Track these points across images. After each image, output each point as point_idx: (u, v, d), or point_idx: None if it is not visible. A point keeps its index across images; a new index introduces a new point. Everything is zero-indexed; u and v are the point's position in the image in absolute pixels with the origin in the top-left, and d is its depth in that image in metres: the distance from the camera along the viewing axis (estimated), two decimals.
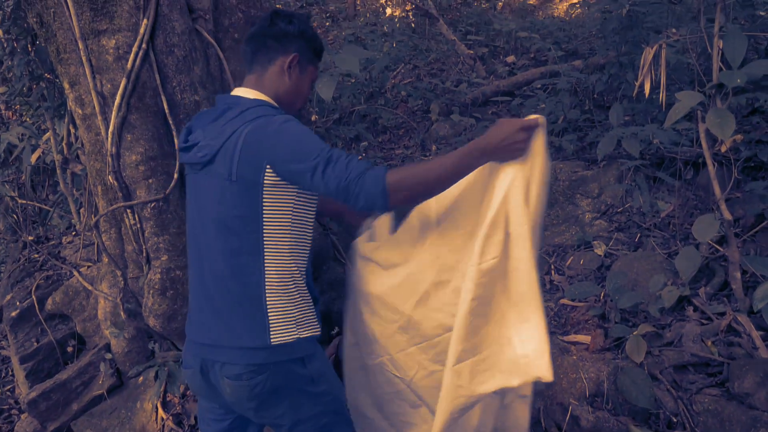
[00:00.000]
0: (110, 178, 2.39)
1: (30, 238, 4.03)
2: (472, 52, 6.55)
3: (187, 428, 2.62)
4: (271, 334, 1.54)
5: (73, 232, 3.93)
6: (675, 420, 2.23)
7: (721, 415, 2.16)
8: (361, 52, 2.93)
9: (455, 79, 5.92)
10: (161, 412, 2.65)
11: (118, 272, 2.57)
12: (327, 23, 8.68)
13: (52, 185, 4.52)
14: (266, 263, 1.55)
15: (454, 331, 1.59)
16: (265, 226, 1.53)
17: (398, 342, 1.86)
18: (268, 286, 1.55)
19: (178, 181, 2.41)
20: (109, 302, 2.75)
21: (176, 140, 2.40)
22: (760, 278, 2.52)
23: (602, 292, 2.90)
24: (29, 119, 4.21)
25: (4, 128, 4.60)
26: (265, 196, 1.51)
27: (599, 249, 3.27)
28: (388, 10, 9.15)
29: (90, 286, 2.98)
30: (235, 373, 1.54)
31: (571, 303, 2.94)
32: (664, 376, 2.37)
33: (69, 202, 3.71)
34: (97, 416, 2.80)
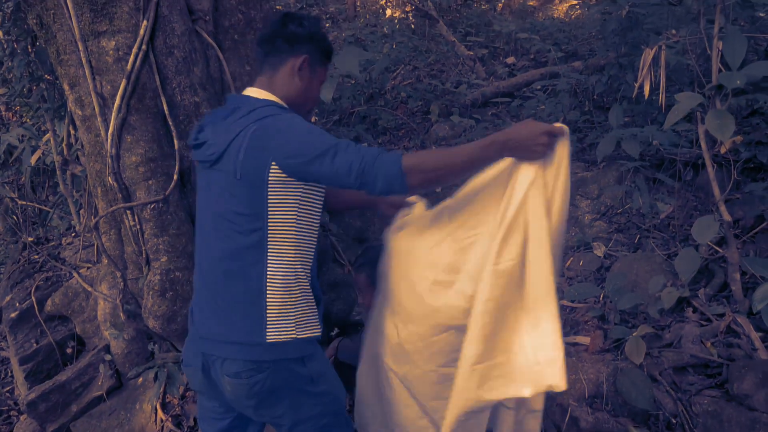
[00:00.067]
0: (110, 180, 2.39)
1: (30, 239, 4.03)
2: (471, 53, 6.55)
3: (186, 429, 2.62)
4: (268, 331, 1.55)
5: (73, 234, 3.93)
6: (674, 421, 2.23)
7: (720, 416, 2.16)
8: (361, 53, 2.93)
9: (455, 81, 5.92)
10: (160, 413, 2.65)
11: (118, 273, 2.57)
12: (327, 24, 8.68)
13: (52, 186, 4.52)
14: (269, 261, 1.56)
15: (468, 333, 1.58)
16: (269, 223, 1.54)
17: (395, 336, 1.84)
18: (270, 283, 1.56)
19: (177, 182, 2.41)
20: (109, 303, 2.75)
21: (176, 141, 2.40)
22: (760, 279, 2.52)
23: (602, 294, 2.90)
24: (29, 120, 4.21)
25: (4, 129, 4.61)
26: (270, 194, 1.52)
27: (599, 250, 3.27)
28: (388, 12, 9.16)
29: (89, 288, 2.98)
30: (235, 371, 1.55)
31: (571, 304, 2.93)
32: (664, 378, 2.37)
33: (69, 204, 3.71)
34: (96, 417, 2.80)
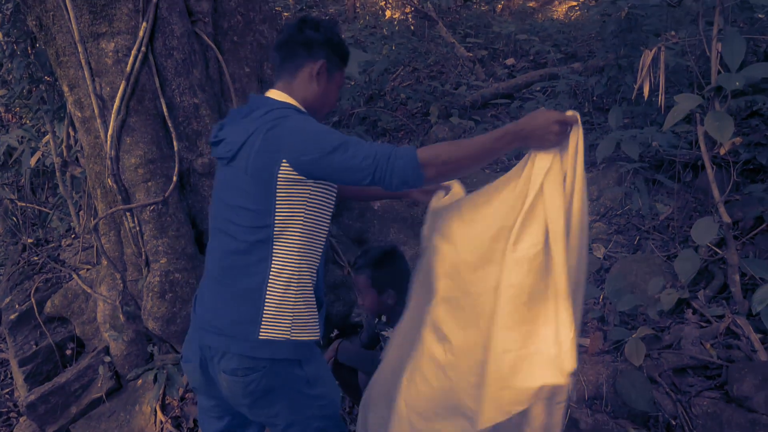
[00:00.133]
0: (109, 181, 2.39)
1: (29, 240, 4.03)
2: (471, 54, 6.56)
3: (185, 431, 2.62)
4: (262, 328, 1.56)
5: (73, 235, 3.93)
6: (674, 423, 2.23)
7: (719, 417, 2.16)
8: (361, 54, 2.94)
9: (454, 82, 5.93)
10: (160, 415, 2.65)
11: (117, 275, 2.57)
12: None
13: (51, 188, 4.52)
14: (274, 258, 1.58)
15: (495, 319, 1.58)
16: (276, 221, 1.56)
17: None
18: (272, 281, 1.58)
19: (177, 184, 2.42)
20: (108, 305, 2.75)
21: (175, 143, 2.41)
22: (759, 281, 2.52)
23: (601, 295, 2.90)
24: (29, 122, 4.22)
25: (4, 131, 4.62)
26: (278, 191, 1.54)
27: (598, 251, 3.27)
28: (388, 13, 9.16)
29: (89, 289, 2.98)
30: (232, 368, 1.57)
31: None
32: (663, 379, 2.36)
33: (68, 205, 3.71)
34: (95, 419, 2.80)
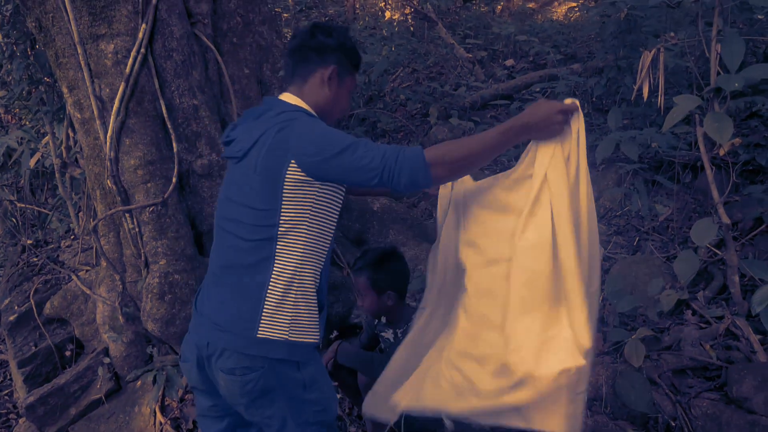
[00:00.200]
0: (109, 182, 2.39)
1: (29, 241, 4.03)
2: (470, 55, 6.56)
3: None
4: (260, 326, 1.57)
5: (72, 236, 3.93)
6: (673, 424, 2.23)
7: (719, 419, 2.16)
8: (360, 55, 2.94)
9: (454, 83, 5.93)
10: (159, 416, 2.65)
11: (117, 276, 2.57)
12: None
13: (51, 189, 4.53)
14: (277, 258, 1.58)
15: (510, 305, 1.60)
16: (281, 221, 1.56)
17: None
18: (273, 280, 1.58)
19: (176, 185, 2.42)
20: (108, 306, 2.75)
21: (174, 144, 2.41)
22: (759, 282, 2.52)
23: (601, 296, 2.90)
24: (28, 123, 4.22)
25: (4, 132, 4.61)
26: (285, 191, 1.54)
27: None
28: (387, 14, 9.17)
29: (88, 290, 2.98)
30: (229, 367, 1.57)
31: None
32: (663, 380, 2.36)
33: (68, 206, 3.71)
34: (95, 420, 2.80)
